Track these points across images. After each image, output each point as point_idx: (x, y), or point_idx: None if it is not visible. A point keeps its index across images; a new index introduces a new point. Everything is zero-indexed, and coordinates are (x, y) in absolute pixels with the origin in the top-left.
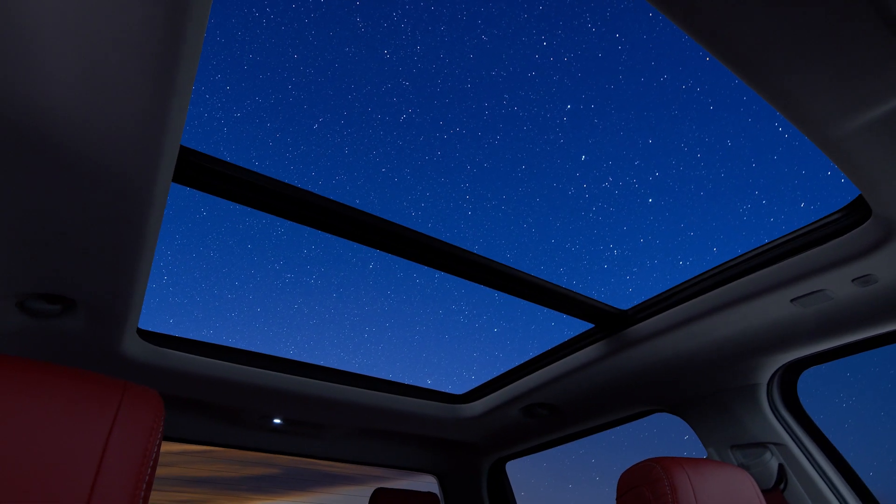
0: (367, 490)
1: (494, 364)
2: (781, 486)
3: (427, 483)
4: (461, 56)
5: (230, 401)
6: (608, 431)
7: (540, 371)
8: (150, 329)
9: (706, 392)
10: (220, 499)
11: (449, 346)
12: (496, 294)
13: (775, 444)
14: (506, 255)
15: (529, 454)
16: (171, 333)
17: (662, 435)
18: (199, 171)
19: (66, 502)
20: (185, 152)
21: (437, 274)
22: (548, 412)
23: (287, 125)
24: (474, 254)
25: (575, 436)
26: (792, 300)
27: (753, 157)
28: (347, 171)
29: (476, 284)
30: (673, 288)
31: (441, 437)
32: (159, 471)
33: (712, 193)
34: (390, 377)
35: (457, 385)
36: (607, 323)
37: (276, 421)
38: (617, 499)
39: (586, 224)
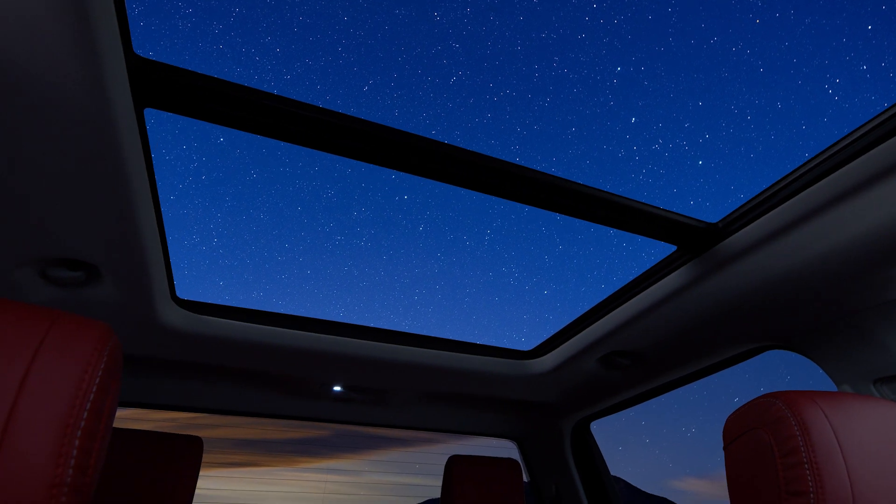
0: (419, 453)
1: (545, 326)
2: None
3: (501, 448)
4: (511, 18)
5: (286, 369)
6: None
7: (615, 312)
8: (203, 293)
9: (833, 315)
10: (268, 460)
11: (499, 309)
12: (546, 256)
13: None
14: (555, 217)
15: (615, 412)
16: (222, 296)
17: (714, 397)
18: (168, 87)
19: None
20: (143, 64)
21: (487, 236)
22: (630, 361)
23: (337, 87)
24: (532, 170)
25: (666, 387)
26: None
27: (804, 119)
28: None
29: (526, 246)
30: (775, 184)
31: (514, 399)
32: (205, 432)
33: (763, 156)
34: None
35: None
36: (694, 241)
37: (337, 389)
38: (725, 447)
39: (636, 187)
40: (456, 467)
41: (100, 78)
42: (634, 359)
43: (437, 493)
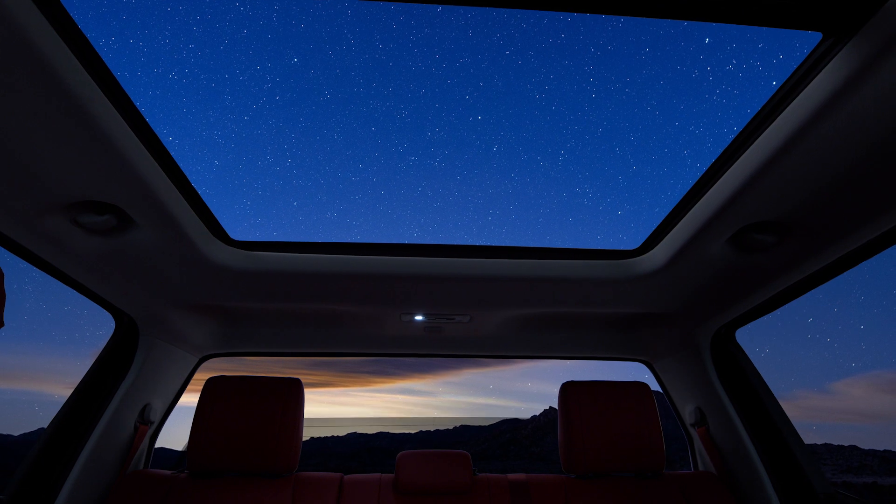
0: (492, 374)
1: (619, 248)
2: None
3: (575, 369)
4: None
5: (362, 299)
6: None
7: (739, 164)
8: (275, 213)
9: None
10: (342, 381)
11: (573, 230)
12: (620, 176)
13: None
14: (629, 136)
15: (767, 312)
16: (296, 216)
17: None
18: None
19: None
20: None
21: (561, 157)
22: (775, 236)
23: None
24: None
25: (838, 266)
26: None
27: None
28: (471, 54)
29: (600, 167)
30: None
31: (629, 311)
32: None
33: None
34: None
35: None
36: (850, 6)
37: (419, 318)
38: None
39: (710, 107)
40: (571, 395)
41: None
42: (781, 230)
43: (510, 414)
